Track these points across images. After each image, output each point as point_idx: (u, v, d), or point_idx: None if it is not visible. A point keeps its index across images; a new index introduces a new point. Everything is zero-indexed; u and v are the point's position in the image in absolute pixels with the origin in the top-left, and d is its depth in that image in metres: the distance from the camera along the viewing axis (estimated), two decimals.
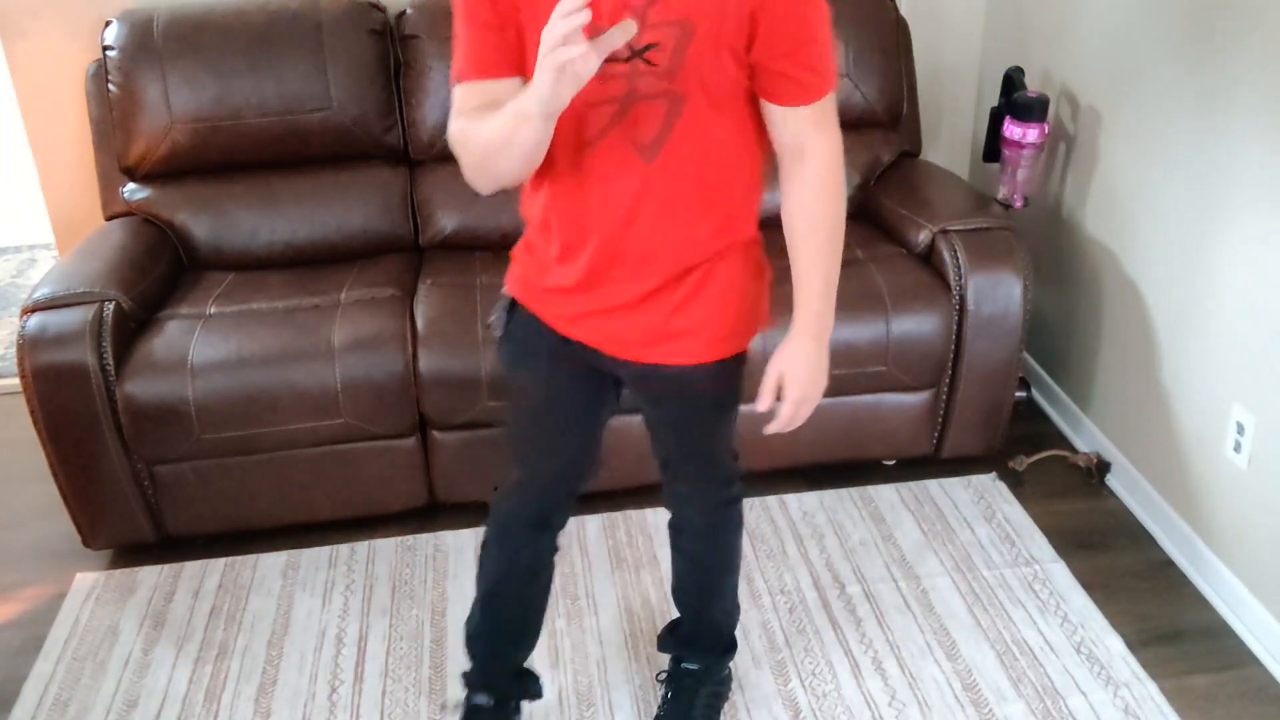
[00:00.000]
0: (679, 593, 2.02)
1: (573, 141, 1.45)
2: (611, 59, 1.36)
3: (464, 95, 1.45)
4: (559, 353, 1.64)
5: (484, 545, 1.89)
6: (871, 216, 2.93)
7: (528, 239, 1.63)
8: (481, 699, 1.98)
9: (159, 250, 2.68)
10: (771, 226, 1.59)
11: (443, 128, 2.80)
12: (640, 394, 1.72)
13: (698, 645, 2.04)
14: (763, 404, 1.56)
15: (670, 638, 2.09)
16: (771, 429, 1.59)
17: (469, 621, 1.95)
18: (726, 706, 2.09)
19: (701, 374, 1.62)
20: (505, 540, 1.86)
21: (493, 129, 1.36)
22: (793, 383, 1.55)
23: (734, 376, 1.68)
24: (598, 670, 2.18)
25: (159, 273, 2.62)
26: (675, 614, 2.06)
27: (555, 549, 1.89)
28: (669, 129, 1.43)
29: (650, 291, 1.54)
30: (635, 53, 1.38)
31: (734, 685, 2.14)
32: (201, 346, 2.38)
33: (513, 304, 1.66)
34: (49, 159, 3.00)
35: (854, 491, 2.69)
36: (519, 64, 1.43)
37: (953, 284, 2.54)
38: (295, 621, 2.34)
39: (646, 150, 1.44)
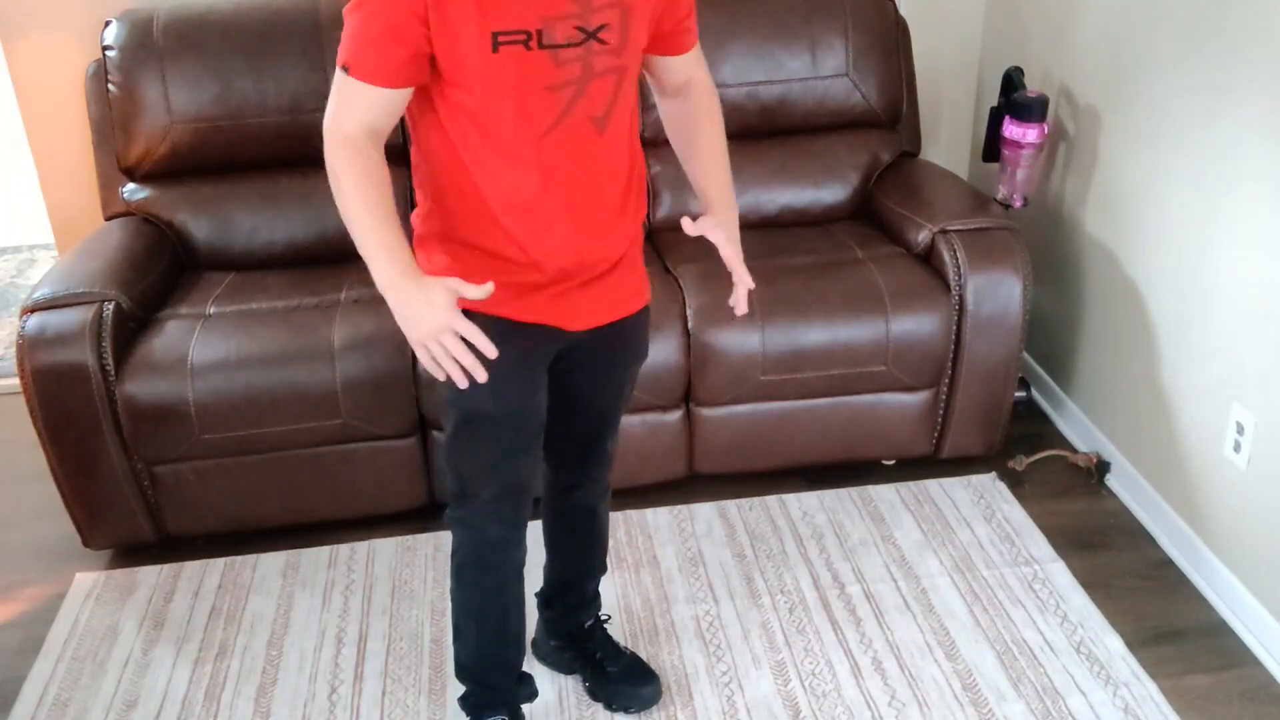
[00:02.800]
0: (576, 572, 2.09)
1: (538, 130, 1.53)
2: (567, 42, 1.48)
3: (357, 95, 1.48)
4: (518, 350, 1.63)
5: (460, 570, 1.85)
6: (871, 216, 2.93)
7: (463, 242, 1.62)
8: (502, 718, 1.96)
9: (159, 250, 2.68)
10: None
11: None
12: (591, 360, 1.78)
13: (593, 598, 2.13)
14: (739, 273, 1.71)
15: (569, 624, 2.13)
16: (742, 304, 1.72)
17: (461, 649, 1.92)
18: (727, 707, 2.09)
19: (644, 318, 1.82)
20: (491, 558, 1.83)
21: (354, 215, 1.50)
22: (731, 241, 1.69)
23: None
24: None
25: (159, 273, 2.62)
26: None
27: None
28: (615, 100, 1.57)
29: (621, 254, 1.70)
30: (589, 34, 1.50)
31: (734, 685, 2.14)
32: (201, 346, 2.38)
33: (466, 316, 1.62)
34: (49, 159, 3.00)
35: (854, 491, 2.69)
36: (415, 79, 1.50)
37: (952, 284, 2.54)
38: (295, 621, 2.34)
39: (599, 121, 1.57)
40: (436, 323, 1.45)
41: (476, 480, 1.76)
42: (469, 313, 1.57)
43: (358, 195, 1.49)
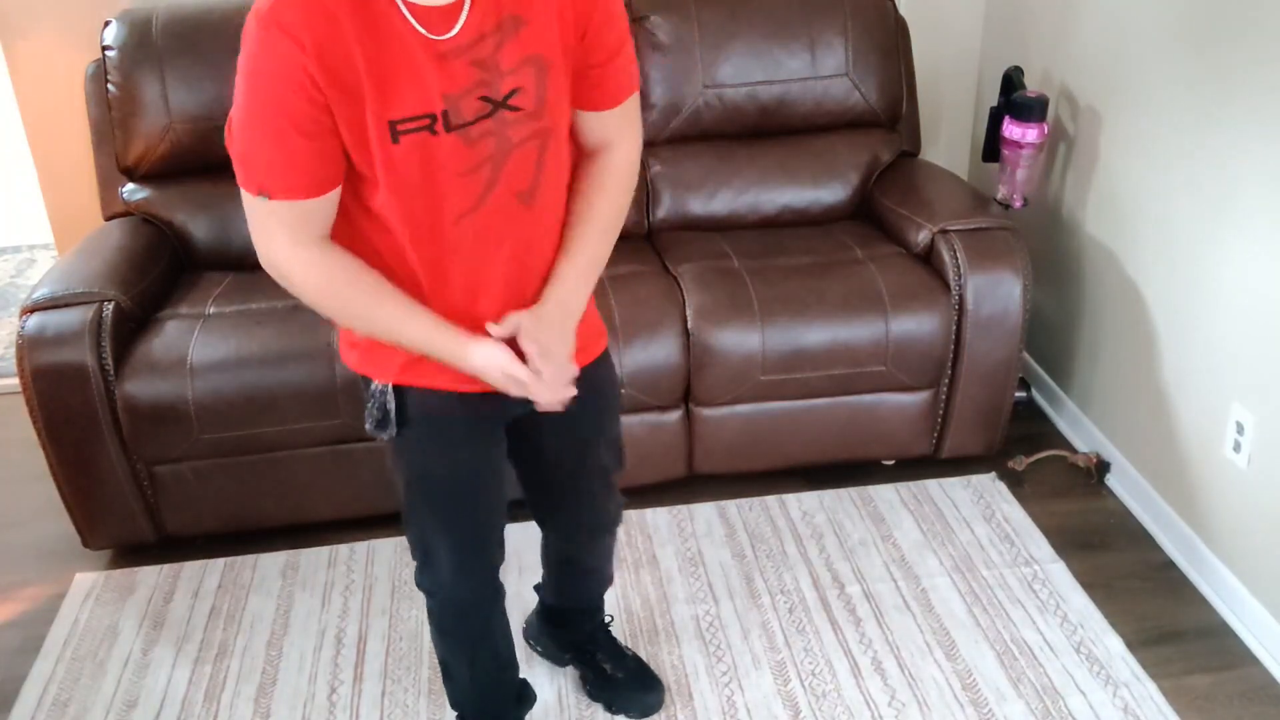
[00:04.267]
0: (577, 603, 2.06)
1: (450, 215, 1.39)
2: (475, 116, 1.32)
3: (285, 216, 1.33)
4: (468, 418, 1.57)
5: (440, 631, 1.81)
6: (871, 216, 2.93)
7: None
8: None
9: (158, 250, 2.68)
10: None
11: None
12: (549, 416, 1.58)
13: (597, 610, 2.10)
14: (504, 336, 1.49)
15: (571, 635, 2.11)
16: (543, 401, 1.50)
17: (453, 689, 1.89)
18: (727, 707, 2.09)
19: (606, 362, 1.70)
20: (468, 615, 1.79)
21: (397, 334, 1.41)
22: (531, 341, 1.46)
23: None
24: None
25: (158, 273, 2.62)
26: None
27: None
28: (541, 168, 1.42)
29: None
30: (498, 103, 1.34)
31: (734, 685, 2.14)
32: (201, 346, 2.38)
33: (397, 391, 1.54)
34: (48, 159, 3.00)
35: (853, 491, 2.69)
36: (340, 171, 1.34)
37: (952, 284, 2.54)
38: (295, 622, 2.34)
39: (526, 195, 1.43)
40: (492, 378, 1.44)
41: (433, 545, 1.68)
42: (399, 388, 1.52)
43: (351, 299, 1.40)
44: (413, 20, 1.27)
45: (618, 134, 1.51)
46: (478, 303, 1.47)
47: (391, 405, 1.54)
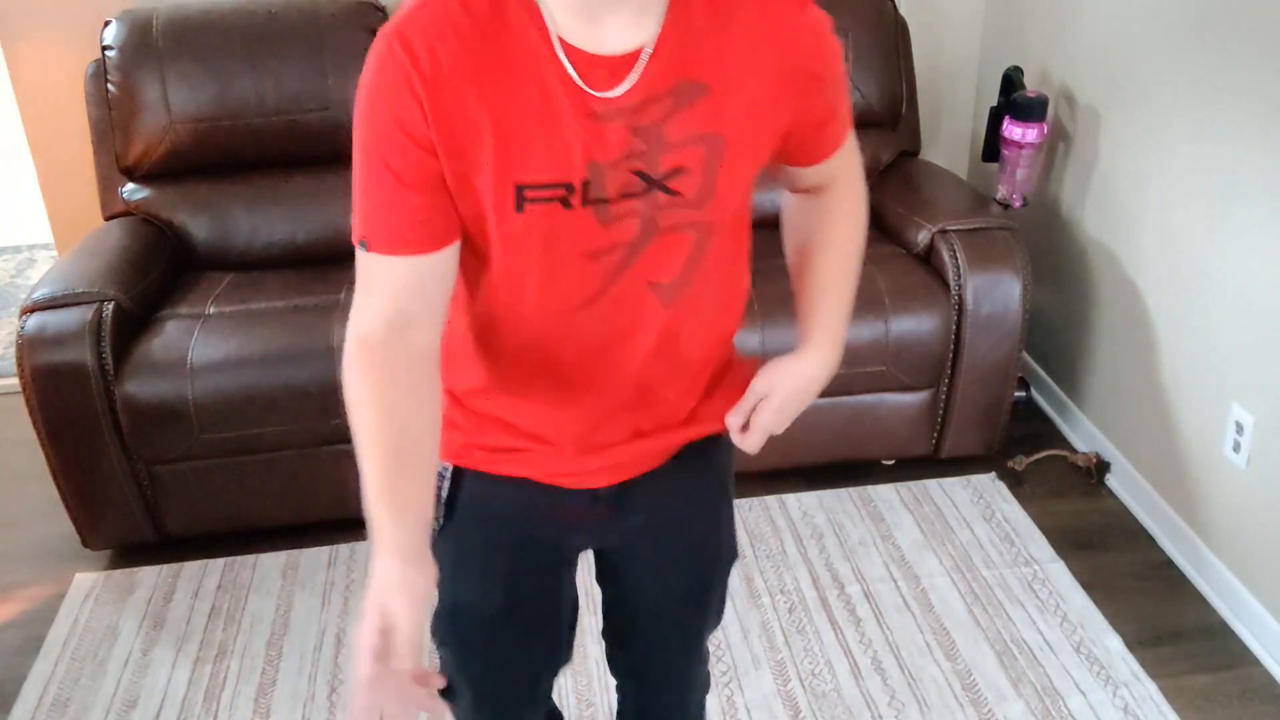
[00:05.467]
0: None
1: (567, 304, 1.11)
2: (621, 193, 1.05)
3: (378, 274, 1.08)
4: (537, 525, 1.28)
5: None
6: (870, 216, 2.92)
7: (481, 391, 1.22)
8: None
9: (158, 250, 2.68)
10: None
11: None
12: (643, 536, 1.32)
13: None
14: (736, 418, 1.26)
15: None
16: (748, 441, 1.28)
17: None
18: (727, 707, 2.09)
19: (718, 452, 1.35)
20: None
21: (362, 453, 1.03)
22: (777, 390, 1.26)
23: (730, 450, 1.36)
24: (597, 670, 2.18)
25: (158, 273, 2.62)
26: None
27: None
28: (693, 267, 1.13)
29: (688, 413, 1.28)
30: (654, 181, 1.05)
31: (734, 685, 2.14)
32: (201, 346, 2.38)
33: (456, 476, 1.26)
34: (48, 159, 3.00)
35: (853, 491, 2.69)
36: (453, 229, 1.07)
37: (952, 284, 2.54)
38: (295, 622, 2.34)
39: (665, 291, 1.13)
40: (369, 599, 0.96)
41: (456, 680, 1.35)
42: (460, 470, 1.24)
43: (364, 424, 1.04)
44: (570, 69, 1.00)
45: (836, 175, 1.28)
46: (570, 409, 1.20)
47: (445, 491, 1.25)
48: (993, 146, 2.88)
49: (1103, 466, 2.72)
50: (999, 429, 2.71)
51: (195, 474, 2.45)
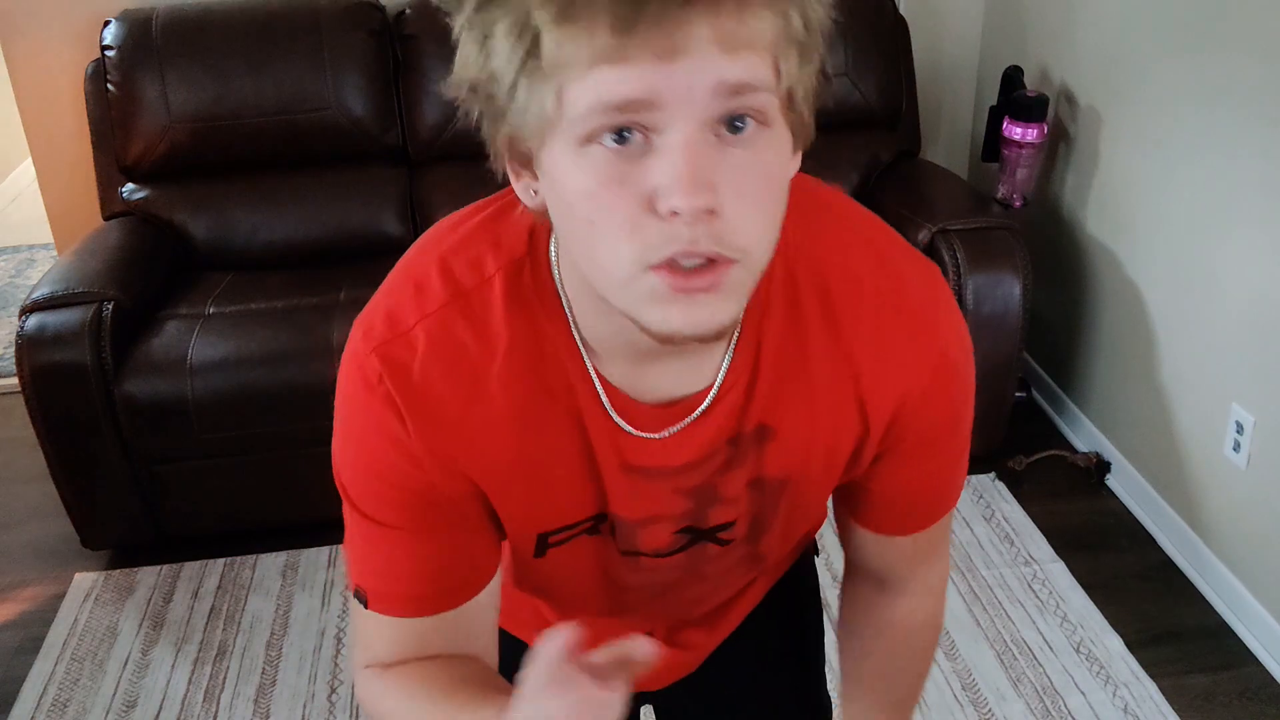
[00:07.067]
0: None
1: (595, 608, 1.02)
2: (660, 550, 0.91)
3: (392, 633, 0.90)
4: None
5: None
6: None
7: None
8: None
9: (158, 250, 2.68)
10: None
11: (442, 127, 2.80)
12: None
13: None
14: None
15: None
16: None
17: None
18: None
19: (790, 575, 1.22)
20: None
21: None
22: None
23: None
24: None
25: (158, 272, 2.62)
26: None
27: None
28: (741, 595, 1.06)
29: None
30: (702, 533, 0.91)
31: None
32: (200, 346, 2.38)
33: None
34: (47, 159, 3.00)
35: None
36: (484, 571, 0.90)
37: (952, 283, 2.54)
38: (294, 622, 2.34)
39: (700, 621, 1.09)
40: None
41: None
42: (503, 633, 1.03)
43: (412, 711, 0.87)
44: (612, 411, 0.82)
45: (904, 568, 1.01)
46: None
47: None
48: (993, 146, 2.88)
49: (1103, 466, 2.71)
50: (999, 429, 2.71)
51: (195, 474, 2.45)
